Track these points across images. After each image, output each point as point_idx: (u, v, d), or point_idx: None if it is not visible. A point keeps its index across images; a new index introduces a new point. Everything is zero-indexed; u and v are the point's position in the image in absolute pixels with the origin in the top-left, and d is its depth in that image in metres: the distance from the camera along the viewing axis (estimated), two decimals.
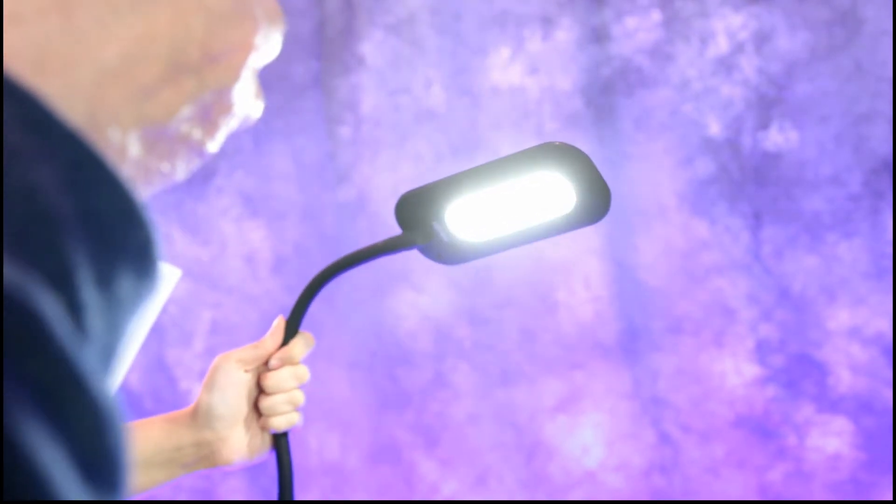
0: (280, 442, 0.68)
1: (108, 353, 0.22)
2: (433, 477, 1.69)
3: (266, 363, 0.71)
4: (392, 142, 1.72)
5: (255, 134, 1.79)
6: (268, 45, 0.31)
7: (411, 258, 1.70)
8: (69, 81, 0.24)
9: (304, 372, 0.71)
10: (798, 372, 1.52)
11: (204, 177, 1.82)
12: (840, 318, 1.49)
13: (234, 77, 0.29)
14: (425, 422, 1.70)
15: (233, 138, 1.81)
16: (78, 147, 0.21)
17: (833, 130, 1.50)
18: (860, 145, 1.48)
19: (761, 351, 1.53)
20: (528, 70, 1.65)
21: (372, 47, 1.73)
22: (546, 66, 1.64)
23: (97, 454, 0.19)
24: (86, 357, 0.19)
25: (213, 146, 0.30)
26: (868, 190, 1.48)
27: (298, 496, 1.73)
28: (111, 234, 0.22)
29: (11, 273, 0.18)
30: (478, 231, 0.57)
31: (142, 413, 1.83)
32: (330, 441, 1.74)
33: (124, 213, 0.22)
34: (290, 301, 0.73)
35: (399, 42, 1.72)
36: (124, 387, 1.84)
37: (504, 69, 1.66)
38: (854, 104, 1.48)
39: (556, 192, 0.53)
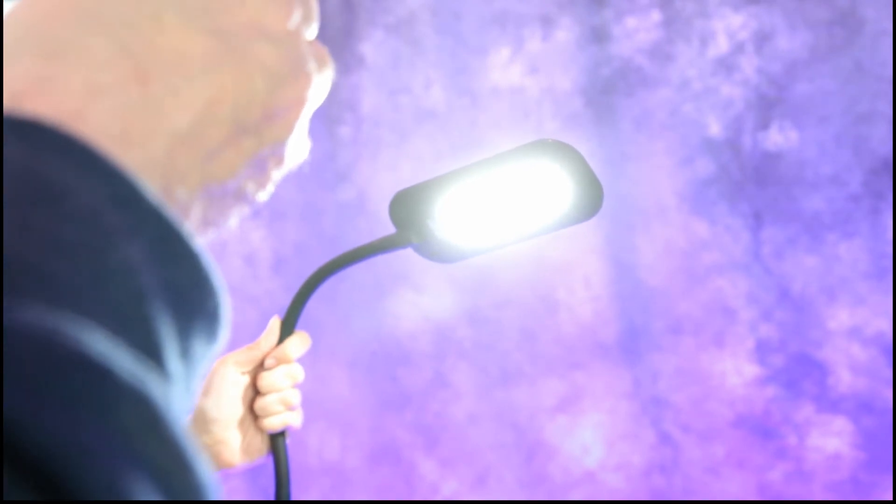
0: (276, 442, 0.68)
1: (185, 415, 0.22)
2: (433, 477, 1.69)
3: (262, 363, 0.71)
4: (392, 142, 1.72)
5: None
6: (320, 93, 0.31)
7: (411, 258, 1.70)
8: (147, 151, 0.24)
9: (298, 371, 0.71)
10: (798, 372, 1.52)
11: None
12: (840, 318, 1.49)
13: (290, 131, 0.30)
14: (425, 422, 1.70)
15: None
16: (162, 222, 0.22)
17: (833, 130, 1.50)
18: (860, 145, 1.48)
19: (761, 351, 1.53)
20: (528, 70, 1.65)
21: (372, 47, 1.74)
22: (546, 66, 1.65)
23: None
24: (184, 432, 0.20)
25: (263, 196, 0.31)
26: (868, 190, 1.48)
27: (299, 496, 1.74)
28: (191, 305, 0.22)
29: (128, 363, 0.18)
30: (472, 229, 0.57)
31: None
32: (330, 441, 1.74)
33: (201, 283, 0.23)
34: (290, 301, 0.73)
35: (399, 42, 1.72)
36: None
37: (504, 69, 1.66)
38: (854, 104, 1.48)
39: (550, 189, 0.53)
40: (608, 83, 1.61)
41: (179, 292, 0.22)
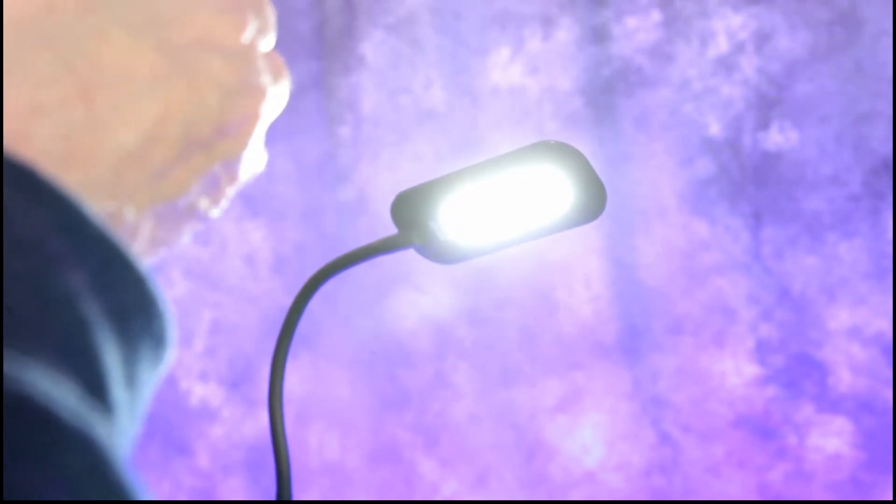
0: (278, 440, 0.69)
1: (129, 445, 0.22)
2: (433, 477, 1.69)
3: None
4: (392, 142, 1.72)
5: None
6: (275, 106, 0.31)
7: (412, 258, 1.70)
8: (92, 171, 0.23)
9: None
10: (798, 372, 1.52)
11: None
12: (840, 318, 1.49)
13: (243, 146, 0.29)
14: (425, 422, 1.70)
15: None
16: (107, 246, 0.21)
17: (833, 130, 1.50)
18: (860, 145, 1.48)
19: (761, 351, 1.53)
20: (528, 70, 1.65)
21: (372, 47, 1.74)
22: (546, 66, 1.65)
23: None
24: (127, 467, 0.19)
25: (216, 212, 0.30)
26: (868, 190, 1.48)
27: (299, 496, 1.74)
28: (136, 330, 0.22)
29: (72, 401, 0.18)
30: (474, 230, 0.57)
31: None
32: (330, 441, 1.74)
33: (147, 307, 0.22)
34: (290, 301, 0.73)
35: (399, 42, 1.72)
36: None
37: (504, 69, 1.67)
38: (854, 104, 1.48)
39: (552, 190, 0.54)
40: (608, 83, 1.61)
41: (124, 318, 0.21)
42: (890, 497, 1.46)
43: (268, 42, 0.31)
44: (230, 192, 0.30)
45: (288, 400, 1.75)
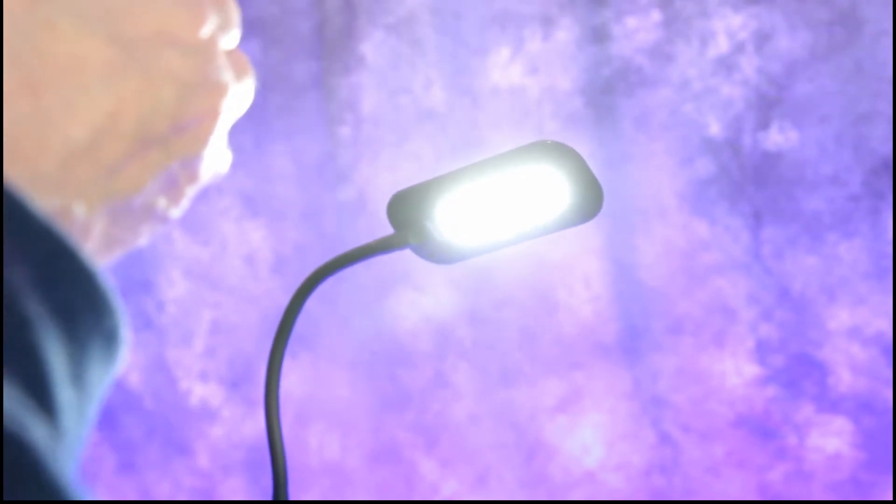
0: (275, 440, 0.69)
1: (78, 445, 0.21)
2: (433, 477, 1.69)
3: None
4: (392, 142, 1.72)
5: (255, 134, 1.80)
6: (238, 104, 0.30)
7: (411, 258, 1.70)
8: (39, 166, 0.23)
9: None
10: (798, 372, 1.52)
11: None
12: (840, 318, 1.49)
13: (202, 145, 0.28)
14: (425, 422, 1.70)
15: (233, 138, 1.81)
16: (51, 241, 0.20)
17: (833, 130, 1.49)
18: (860, 145, 1.48)
19: (761, 351, 1.53)
20: (528, 70, 1.65)
21: (372, 47, 1.74)
22: (546, 66, 1.65)
23: None
24: (69, 469, 0.19)
25: (176, 212, 0.29)
26: (868, 190, 1.48)
27: (299, 496, 1.74)
28: (84, 327, 0.21)
29: (8, 403, 0.17)
30: (471, 230, 0.57)
31: (141, 413, 1.84)
32: (330, 441, 1.74)
33: (96, 304, 0.21)
34: (288, 302, 0.73)
35: (399, 42, 1.72)
36: (125, 386, 1.85)
37: (504, 69, 1.66)
38: (854, 104, 1.48)
39: (549, 190, 0.53)
40: (608, 83, 1.61)
41: (71, 315, 0.20)
42: (890, 497, 1.46)
43: (230, 39, 0.30)
44: (190, 191, 0.29)
45: (288, 400, 1.75)
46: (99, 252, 0.27)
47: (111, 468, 1.86)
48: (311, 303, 1.74)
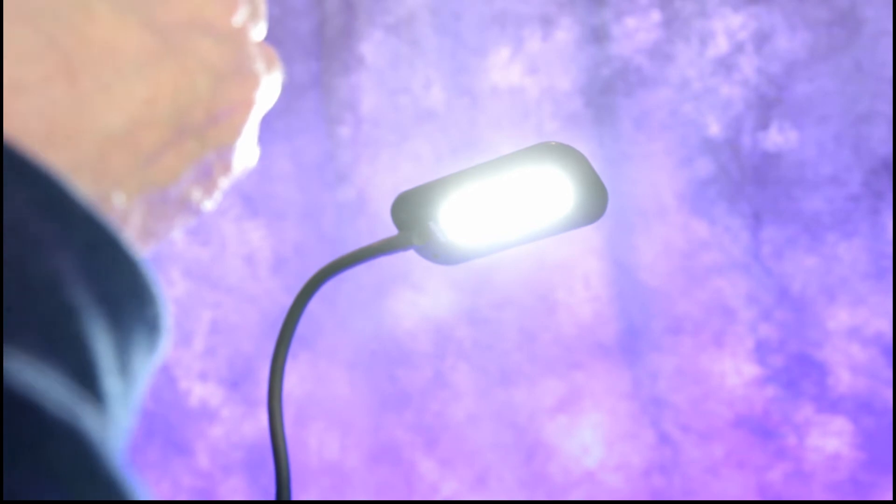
0: (277, 441, 0.68)
1: (124, 435, 0.21)
2: (433, 477, 1.69)
3: None
4: (392, 142, 1.72)
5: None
6: (268, 96, 0.30)
7: (411, 258, 1.70)
8: (76, 153, 0.23)
9: None
10: (798, 372, 1.52)
11: None
12: (840, 318, 1.49)
13: (236, 135, 0.28)
14: (425, 422, 1.70)
15: None
16: (95, 228, 0.20)
17: (833, 130, 1.50)
18: (860, 145, 1.48)
19: (761, 351, 1.53)
20: (528, 70, 1.65)
21: (372, 47, 1.74)
22: (546, 66, 1.64)
23: None
24: (119, 459, 0.18)
25: (210, 204, 0.29)
26: (868, 190, 1.48)
27: (299, 496, 1.74)
28: (128, 316, 0.21)
29: (58, 393, 0.17)
30: (474, 232, 0.57)
31: (141, 413, 1.83)
32: (330, 441, 1.74)
33: (139, 292, 0.21)
34: (290, 301, 0.73)
35: (399, 42, 1.72)
36: None
37: (504, 69, 1.66)
38: (854, 104, 1.48)
39: (553, 192, 0.53)
40: (608, 83, 1.61)
41: (115, 304, 0.20)
42: (890, 497, 1.46)
43: (259, 30, 0.30)
44: (224, 183, 0.29)
45: (288, 400, 1.75)
46: (136, 244, 0.26)
47: None
48: (311, 303, 1.74)
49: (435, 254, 0.59)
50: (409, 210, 0.57)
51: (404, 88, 1.72)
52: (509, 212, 0.55)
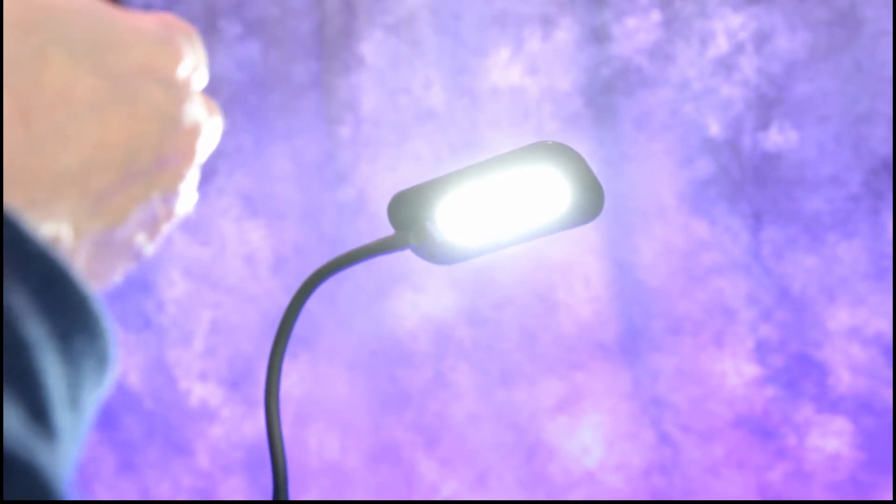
0: (274, 440, 0.68)
1: (73, 468, 0.21)
2: (433, 477, 1.69)
3: None
4: (392, 142, 1.72)
5: (255, 134, 1.79)
6: (209, 143, 0.31)
7: (411, 258, 1.70)
8: (30, 191, 0.23)
9: None
10: (798, 372, 1.52)
11: (204, 177, 1.82)
12: (840, 318, 1.49)
13: (181, 180, 0.29)
14: (425, 422, 1.70)
15: (233, 138, 1.81)
16: (49, 264, 0.21)
17: (833, 130, 1.49)
18: (860, 145, 1.48)
19: (761, 351, 1.53)
20: (528, 70, 1.65)
21: (372, 47, 1.74)
22: (546, 66, 1.64)
23: None
24: (72, 494, 0.19)
25: (150, 249, 0.30)
26: (868, 190, 1.48)
27: (298, 496, 1.74)
28: (79, 350, 0.21)
29: (15, 428, 0.17)
30: (471, 231, 0.57)
31: (141, 413, 1.84)
32: (330, 441, 1.74)
33: (89, 327, 0.22)
34: (288, 302, 0.73)
35: (399, 42, 1.72)
36: (125, 386, 1.85)
37: (504, 69, 1.66)
38: (854, 104, 1.48)
39: (550, 191, 0.53)
40: (608, 83, 1.61)
41: (67, 338, 0.21)
42: (890, 497, 1.46)
43: (201, 80, 0.31)
44: (166, 228, 0.30)
45: (287, 400, 1.75)
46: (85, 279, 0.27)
47: (111, 468, 1.86)
48: (311, 303, 1.74)
49: (432, 253, 0.59)
50: (405, 210, 0.57)
51: (404, 88, 1.72)
52: (505, 211, 0.55)
